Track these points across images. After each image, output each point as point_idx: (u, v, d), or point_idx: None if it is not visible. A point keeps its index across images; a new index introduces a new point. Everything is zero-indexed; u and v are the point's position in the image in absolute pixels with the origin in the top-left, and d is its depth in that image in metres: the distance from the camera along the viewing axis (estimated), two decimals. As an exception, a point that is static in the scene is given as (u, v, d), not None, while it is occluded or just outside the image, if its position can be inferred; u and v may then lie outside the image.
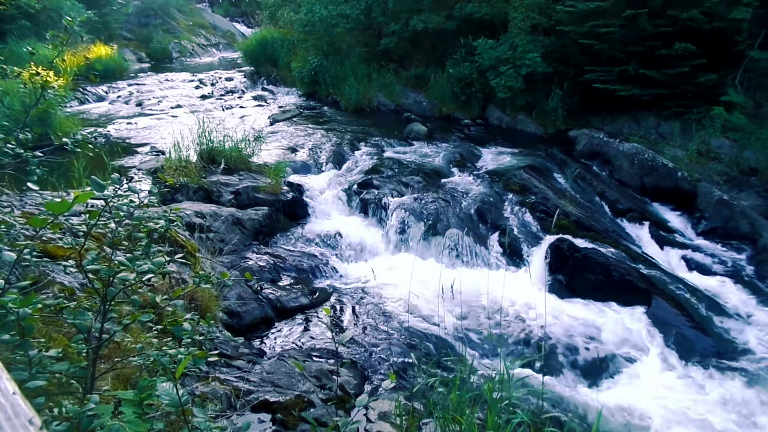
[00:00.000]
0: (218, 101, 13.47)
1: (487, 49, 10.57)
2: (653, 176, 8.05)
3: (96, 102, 13.13)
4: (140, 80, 15.70)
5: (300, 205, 7.07)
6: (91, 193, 1.62)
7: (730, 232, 6.99)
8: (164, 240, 4.26)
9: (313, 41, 13.76)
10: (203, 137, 7.49)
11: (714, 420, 4.03)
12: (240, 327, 4.54)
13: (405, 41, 12.59)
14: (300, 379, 3.58)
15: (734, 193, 7.56)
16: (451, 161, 8.71)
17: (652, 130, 9.52)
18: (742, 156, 8.21)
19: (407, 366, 4.28)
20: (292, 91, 14.51)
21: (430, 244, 6.46)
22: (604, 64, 9.47)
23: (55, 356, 1.60)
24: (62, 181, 5.38)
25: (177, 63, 20.67)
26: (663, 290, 5.58)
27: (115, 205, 1.92)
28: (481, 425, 2.82)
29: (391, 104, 12.39)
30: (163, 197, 6.16)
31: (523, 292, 5.45)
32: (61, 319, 1.84)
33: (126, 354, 2.38)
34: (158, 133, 10.00)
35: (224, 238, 5.76)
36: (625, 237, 6.92)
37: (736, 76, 8.82)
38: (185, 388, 2.90)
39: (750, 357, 4.90)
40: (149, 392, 1.62)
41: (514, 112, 11.09)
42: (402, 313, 5.02)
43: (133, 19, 21.93)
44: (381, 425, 3.30)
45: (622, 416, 4.04)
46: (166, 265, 1.91)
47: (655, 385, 4.42)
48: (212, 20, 27.90)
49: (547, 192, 7.32)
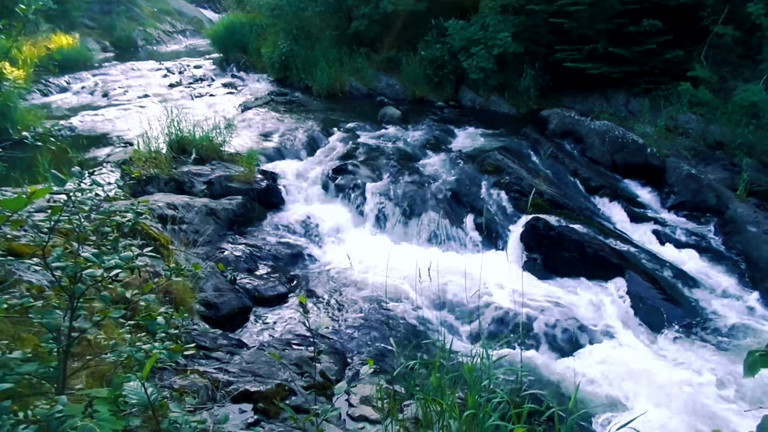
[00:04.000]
0: (187, 90, 13.16)
1: (458, 29, 10.53)
2: (624, 153, 8.18)
3: (59, 93, 12.69)
4: (105, 70, 15.24)
5: (274, 192, 7.00)
6: (49, 188, 1.56)
7: (698, 206, 7.17)
8: (135, 233, 4.17)
9: (282, 25, 13.51)
10: (173, 127, 7.31)
11: (686, 385, 4.17)
12: (218, 318, 4.49)
13: (376, 24, 12.45)
14: (280, 367, 3.57)
15: (701, 167, 7.75)
16: (426, 144, 8.71)
17: (622, 108, 9.66)
18: (708, 130, 8.40)
19: (387, 350, 4.31)
20: (262, 77, 14.24)
21: (406, 227, 6.48)
22: (574, 43, 9.53)
23: (20, 357, 1.55)
24: (26, 176, 5.20)
25: (143, 51, 20.11)
26: (635, 264, 5.72)
27: (78, 199, 1.86)
28: (461, 405, 2.86)
29: (364, 88, 12.29)
30: (133, 189, 6.01)
31: (500, 271, 5.51)
32: (28, 319, 1.78)
33: (99, 351, 2.33)
34: (126, 124, 9.73)
35: (198, 229, 5.67)
36: (598, 214, 7.04)
37: (701, 51, 8.98)
38: (158, 385, 2.86)
39: (718, 324, 5.07)
40: (123, 389, 1.58)
41: (487, 93, 11.12)
42: (380, 298, 5.04)
43: (95, 6, 21.14)
44: (363, 409, 3.32)
45: (599, 388, 4.15)
46: (134, 259, 1.86)
47: (630, 355, 4.54)
48: (178, 6, 27.13)
49: (522, 172, 7.38)
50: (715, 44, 8.82)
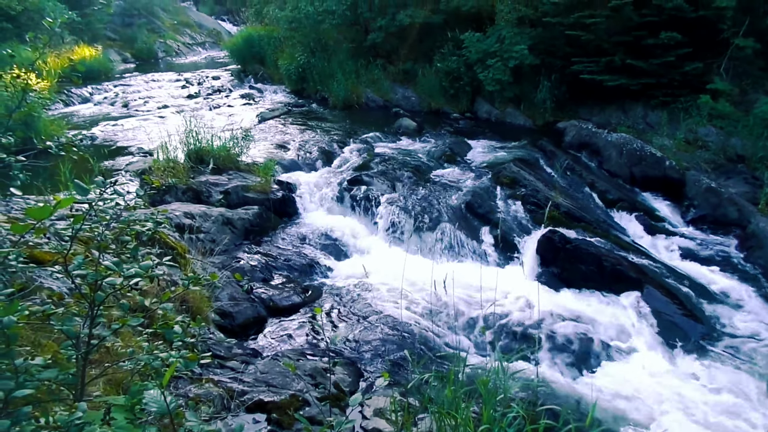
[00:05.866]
0: (205, 100, 13.35)
1: (474, 42, 10.56)
2: (642, 166, 8.09)
3: (81, 104, 12.97)
4: (126, 81, 15.53)
5: (290, 203, 7.04)
6: (74, 198, 1.59)
7: (718, 220, 7.04)
8: (153, 242, 4.22)
9: (299, 38, 13.67)
10: (191, 137, 7.42)
11: (705, 404, 4.07)
12: (233, 327, 4.51)
13: (392, 36, 12.55)
14: (294, 378, 3.57)
15: (722, 181, 7.62)
16: (441, 155, 8.71)
17: (640, 120, 9.57)
18: (728, 143, 8.28)
19: (402, 362, 4.28)
20: (279, 88, 14.41)
21: (421, 239, 6.46)
22: (591, 55, 9.49)
23: (41, 364, 1.57)
24: (48, 184, 5.30)
25: (163, 63, 20.48)
26: (654, 279, 5.62)
27: (100, 208, 1.89)
28: (476, 419, 2.82)
29: (380, 100, 12.36)
30: (152, 199, 6.10)
31: (516, 284, 5.46)
32: (48, 326, 1.81)
33: (117, 359, 2.36)
34: (145, 134, 9.87)
35: (215, 238, 5.72)
36: (616, 227, 6.95)
37: (721, 64, 8.88)
38: (174, 393, 2.88)
39: (739, 341, 4.96)
40: (141, 397, 1.59)
41: (503, 105, 11.11)
42: (395, 309, 5.01)
43: (117, 19, 21.65)
44: (377, 422, 3.30)
45: (617, 404, 4.06)
46: (154, 268, 1.88)
47: (648, 372, 4.45)
48: (197, 19, 27.66)
49: (538, 184, 7.33)
50: (735, 57, 8.72)
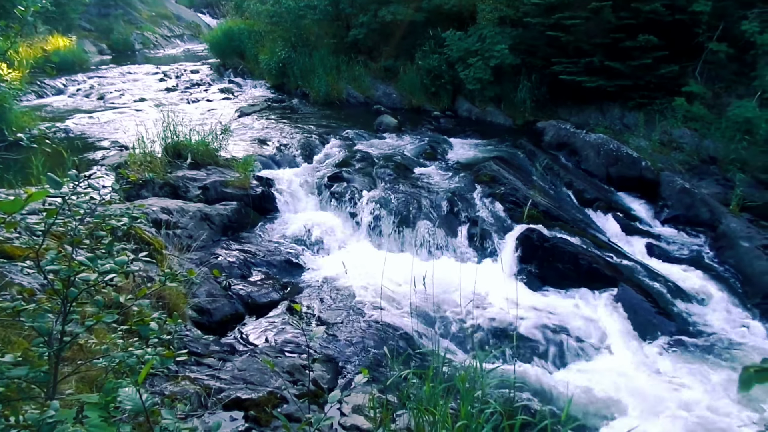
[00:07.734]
0: (184, 94, 13.16)
1: (455, 40, 10.60)
2: (618, 166, 8.23)
3: (55, 96, 12.68)
4: (101, 73, 15.23)
5: (270, 199, 6.98)
6: (46, 191, 1.55)
7: (691, 220, 7.21)
8: (129, 237, 4.15)
9: (280, 33, 13.55)
10: (168, 131, 7.29)
11: (678, 398, 4.17)
12: (210, 324, 4.46)
13: (374, 33, 12.51)
14: (272, 375, 3.55)
15: (695, 182, 7.80)
16: (422, 153, 8.73)
17: (617, 121, 9.73)
18: (702, 145, 8.47)
19: (381, 359, 4.28)
20: (260, 83, 14.27)
21: (401, 236, 6.47)
22: (571, 56, 9.61)
23: (11, 361, 1.53)
24: (19, 178, 5.17)
25: (140, 55, 20.11)
26: (628, 277, 5.73)
27: (74, 202, 1.85)
28: (454, 416, 2.84)
29: (361, 96, 12.32)
30: (128, 193, 5.99)
31: (495, 282, 5.51)
32: (19, 323, 1.76)
33: (90, 356, 2.31)
34: (121, 128, 9.71)
35: (192, 234, 5.64)
36: (593, 226, 7.06)
37: (696, 67, 9.07)
38: (150, 391, 2.84)
39: (710, 338, 5.10)
40: (115, 395, 1.56)
41: (484, 104, 11.17)
42: (374, 306, 5.02)
43: (93, 9, 21.17)
44: (355, 418, 3.30)
45: (592, 400, 4.14)
46: (129, 263, 1.85)
47: (623, 368, 4.54)
48: (176, 11, 27.20)
49: (517, 183, 7.40)
50: (709, 60, 8.92)
